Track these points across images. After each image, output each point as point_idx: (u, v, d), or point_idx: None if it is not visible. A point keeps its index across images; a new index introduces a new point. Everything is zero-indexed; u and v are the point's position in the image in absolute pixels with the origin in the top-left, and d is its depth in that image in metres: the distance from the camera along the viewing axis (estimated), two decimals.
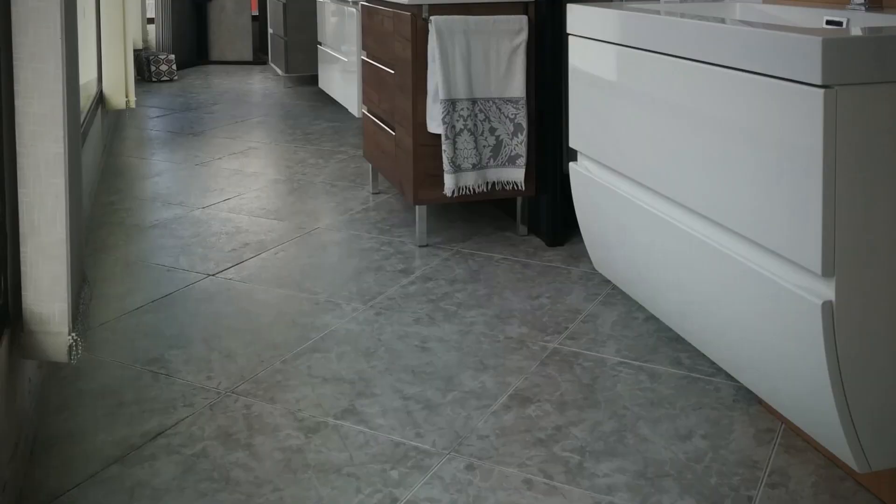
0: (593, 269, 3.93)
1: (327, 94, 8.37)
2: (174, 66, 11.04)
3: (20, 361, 2.76)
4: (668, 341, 3.51)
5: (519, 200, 4.89)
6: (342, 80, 7.46)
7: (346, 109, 7.54)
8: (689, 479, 2.65)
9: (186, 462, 2.77)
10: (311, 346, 3.54)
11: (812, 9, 2.99)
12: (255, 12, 12.74)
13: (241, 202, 5.53)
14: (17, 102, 2.76)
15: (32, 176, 2.75)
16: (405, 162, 4.84)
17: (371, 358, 3.44)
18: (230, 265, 4.44)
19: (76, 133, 3.03)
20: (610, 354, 3.44)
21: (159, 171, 6.41)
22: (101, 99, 6.65)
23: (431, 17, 4.57)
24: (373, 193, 5.71)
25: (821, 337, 2.18)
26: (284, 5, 9.72)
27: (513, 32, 4.64)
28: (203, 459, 2.78)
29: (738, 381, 3.03)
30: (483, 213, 5.25)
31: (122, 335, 3.67)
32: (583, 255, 4.34)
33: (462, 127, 4.59)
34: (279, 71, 10.30)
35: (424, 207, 4.75)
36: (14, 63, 2.76)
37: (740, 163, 2.42)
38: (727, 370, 2.81)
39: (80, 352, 2.70)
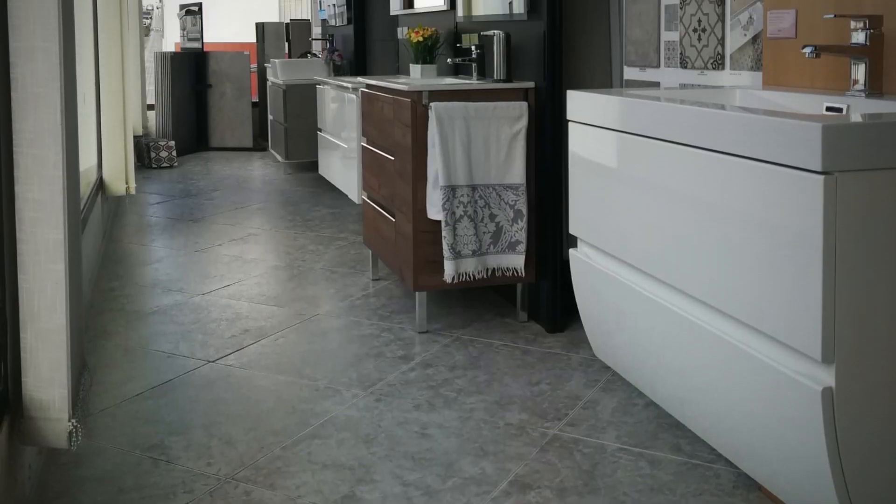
0: (593, 355, 3.92)
1: (327, 181, 8.39)
2: (174, 153, 11.09)
3: (20, 447, 2.75)
4: (668, 427, 3.49)
5: (519, 286, 4.89)
6: (342, 166, 7.49)
7: (346, 196, 7.56)
8: None
9: None
10: (311, 433, 3.52)
11: (812, 95, 3.01)
12: (256, 99, 12.83)
13: (242, 288, 5.53)
14: (17, 188, 2.77)
15: (32, 262, 2.75)
16: (405, 248, 4.84)
17: (371, 444, 3.42)
18: (230, 351, 4.43)
19: (76, 219, 3.04)
20: (610, 441, 3.42)
21: (159, 258, 6.42)
22: (101, 185, 6.68)
23: (431, 104, 4.60)
24: (373, 280, 5.71)
25: (821, 423, 2.17)
26: (284, 92, 9.78)
27: (513, 119, 4.66)
28: None
29: (738, 468, 3.01)
30: (483, 299, 5.25)
31: (123, 421, 3.65)
32: (583, 341, 4.33)
33: (462, 213, 4.60)
34: (279, 157, 10.35)
35: (424, 294, 4.75)
36: (14, 149, 2.78)
37: (740, 249, 2.43)
38: (727, 456, 2.80)
39: (80, 438, 2.69)
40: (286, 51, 12.86)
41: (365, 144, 5.79)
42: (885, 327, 2.19)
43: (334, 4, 10.06)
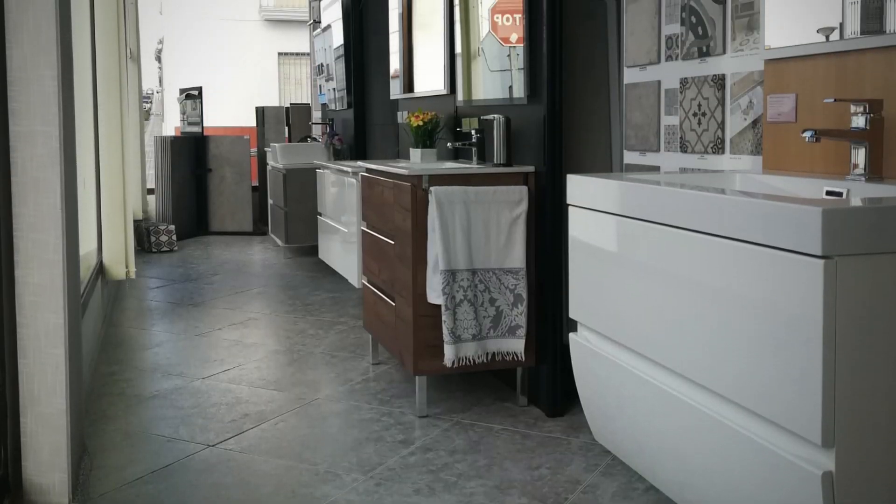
0: (594, 439, 3.90)
1: (327, 265, 8.40)
2: (174, 237, 11.11)
3: None
4: None
5: (519, 371, 4.88)
6: (342, 250, 7.50)
7: (346, 280, 7.57)
8: None
9: None
10: None
11: (812, 179, 3.02)
12: (255, 183, 12.87)
13: (242, 373, 5.51)
14: (17, 273, 2.77)
15: (32, 346, 2.75)
16: (405, 332, 4.83)
17: None
18: (230, 436, 4.41)
19: (76, 304, 3.04)
20: None
21: (159, 342, 6.40)
22: (101, 269, 6.68)
23: (431, 188, 4.61)
24: (373, 364, 5.70)
25: None
26: (284, 176, 9.82)
27: (513, 203, 4.67)
28: None
29: None
30: (483, 384, 5.23)
31: None
32: (583, 425, 4.31)
33: (462, 297, 4.60)
34: (279, 241, 10.36)
35: (424, 378, 4.74)
36: (14, 233, 2.78)
37: (740, 333, 2.42)
38: None
39: None
40: (286, 135, 12.92)
41: (365, 229, 5.80)
42: (885, 411, 2.18)
43: (334, 89, 10.13)
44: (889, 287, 2.15)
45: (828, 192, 2.90)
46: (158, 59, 24.73)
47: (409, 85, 6.99)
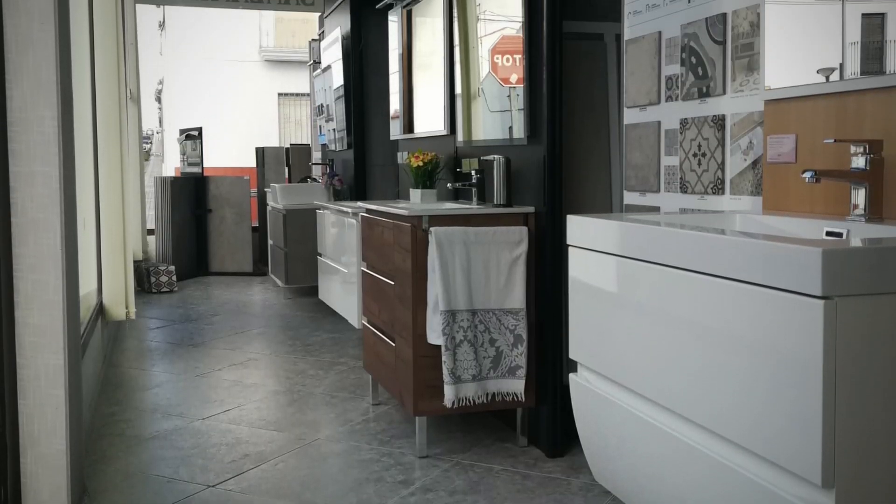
0: (594, 480, 3.88)
1: (327, 306, 8.39)
2: (174, 278, 11.11)
3: None
4: None
5: (519, 411, 4.87)
6: (342, 291, 7.50)
7: (346, 320, 7.56)
8: None
9: None
10: None
11: (812, 220, 3.02)
12: (256, 223, 12.88)
13: (242, 413, 5.50)
14: (17, 314, 2.77)
15: (32, 387, 2.74)
16: (405, 373, 4.83)
17: None
18: (230, 476, 4.39)
19: (76, 344, 3.03)
20: None
21: (159, 383, 6.39)
22: (101, 310, 6.67)
23: (431, 229, 4.61)
24: (373, 404, 5.69)
25: None
26: (284, 217, 9.83)
27: (513, 244, 4.67)
28: None
29: None
30: (483, 424, 5.22)
31: None
32: (583, 465, 4.29)
33: (462, 338, 4.59)
34: (279, 282, 10.37)
35: (424, 418, 4.73)
36: (14, 274, 2.78)
37: (740, 374, 2.41)
38: None
39: None
40: (286, 175, 12.95)
41: (365, 269, 5.80)
42: (885, 452, 2.17)
43: (334, 129, 10.15)
44: (889, 327, 2.15)
45: (828, 233, 2.90)
46: (158, 99, 24.79)
47: (409, 125, 7.01)
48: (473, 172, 5.32)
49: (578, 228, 3.47)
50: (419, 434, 4.70)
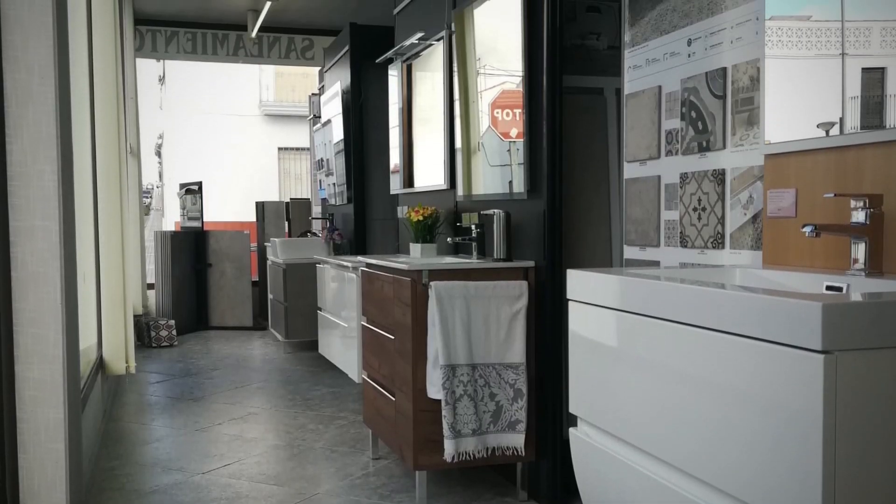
0: None
1: (327, 360, 8.38)
2: (174, 332, 11.10)
3: None
4: None
5: (519, 465, 4.85)
6: (342, 345, 7.49)
7: (346, 375, 7.55)
8: None
9: None
10: None
11: (812, 274, 3.02)
12: (256, 278, 12.88)
13: (241, 468, 5.48)
14: (17, 368, 2.77)
15: (32, 441, 2.73)
16: (405, 427, 4.81)
17: None
18: None
19: (76, 398, 3.03)
20: None
21: (159, 437, 6.37)
22: (101, 364, 6.66)
23: (431, 283, 4.61)
24: (373, 459, 5.66)
25: None
26: (284, 271, 9.83)
27: (513, 298, 4.67)
28: None
29: None
30: (483, 478, 5.20)
31: None
32: None
33: (462, 392, 4.58)
34: (279, 336, 10.35)
35: (424, 473, 4.71)
36: (14, 328, 2.78)
37: (740, 428, 2.41)
38: None
39: None
40: (286, 230, 12.97)
41: (365, 323, 5.79)
42: None
43: (334, 184, 10.17)
44: (889, 382, 2.14)
45: (828, 287, 2.90)
46: (158, 153, 24.85)
47: (409, 180, 7.02)
48: (473, 227, 5.33)
49: (578, 282, 3.47)
50: (419, 488, 4.69)
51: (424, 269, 4.68)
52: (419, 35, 6.51)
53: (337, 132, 9.84)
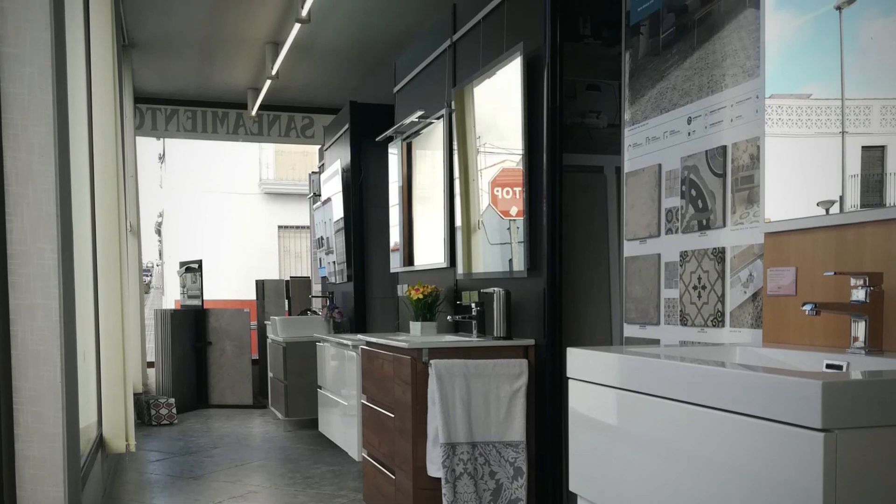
0: None
1: (327, 438, 8.35)
2: (174, 410, 11.06)
3: None
4: None
5: None
6: (342, 423, 7.46)
7: (346, 453, 7.51)
8: None
9: None
10: None
11: (812, 352, 3.02)
12: (256, 356, 12.86)
13: None
14: (17, 446, 2.76)
15: None
16: None
17: None
18: None
19: (76, 477, 3.01)
20: None
21: None
22: (101, 442, 6.63)
23: (431, 361, 4.61)
24: None
25: None
26: (284, 349, 9.81)
27: (513, 376, 4.67)
28: None
29: None
30: None
31: None
32: None
33: (462, 471, 4.56)
34: (279, 414, 10.32)
35: None
36: (14, 407, 2.77)
37: None
38: None
39: None
40: (286, 308, 12.96)
41: (365, 402, 5.78)
42: None
43: (334, 262, 10.18)
44: (890, 460, 2.13)
45: (828, 366, 2.89)
46: (158, 231, 24.91)
47: (409, 258, 7.03)
48: (473, 305, 5.33)
49: (578, 361, 3.47)
50: None
51: (424, 347, 4.68)
52: (419, 113, 6.55)
53: (337, 210, 9.87)
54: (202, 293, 12.98)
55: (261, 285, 13.55)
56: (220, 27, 8.90)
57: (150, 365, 12.34)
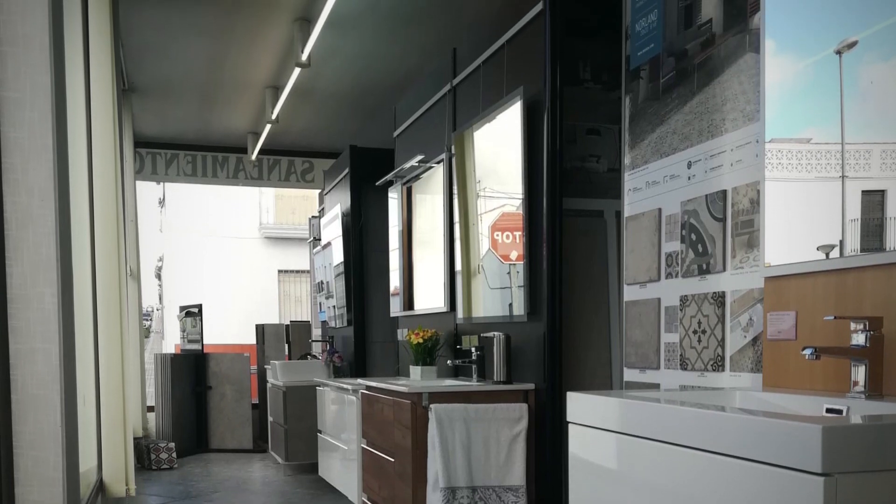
0: None
1: (327, 482, 8.32)
2: (174, 454, 11.04)
3: None
4: None
5: None
6: (342, 467, 7.44)
7: (347, 497, 7.49)
8: None
9: None
10: None
11: (812, 396, 3.01)
12: (256, 400, 12.84)
13: None
14: (17, 490, 2.75)
15: None
16: None
17: None
18: None
19: None
20: None
21: None
22: (101, 487, 6.61)
23: (431, 405, 4.60)
24: None
25: None
26: (284, 393, 9.80)
27: (513, 420, 4.66)
28: None
29: None
30: None
31: None
32: None
33: None
34: (279, 459, 10.29)
35: None
36: (14, 451, 2.77)
37: None
38: None
39: None
40: (286, 352, 12.95)
41: (365, 446, 5.77)
42: None
43: (334, 306, 10.18)
44: None
45: (828, 410, 2.89)
46: (158, 276, 24.91)
47: (409, 302, 7.03)
48: (473, 349, 5.33)
49: (578, 405, 3.46)
50: None
51: (425, 391, 4.67)
52: (419, 157, 6.57)
53: (337, 254, 9.88)
54: (202, 337, 12.97)
55: (261, 329, 13.55)
56: (220, 71, 8.93)
57: (151, 409, 12.32)
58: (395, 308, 7.38)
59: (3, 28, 3.06)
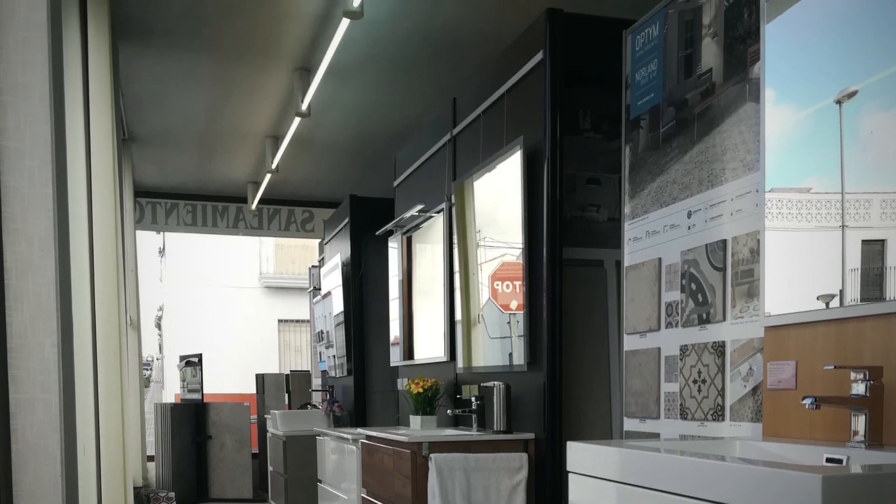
0: None
1: None
2: (174, 503, 11.01)
3: None
4: None
5: None
6: None
7: None
8: None
9: None
10: None
11: (812, 446, 3.01)
12: (256, 450, 12.80)
13: None
14: None
15: None
16: None
17: None
18: None
19: None
20: None
21: None
22: None
23: (431, 455, 4.59)
24: None
25: None
26: (284, 443, 9.78)
27: (513, 470, 4.65)
28: None
29: None
30: None
31: None
32: None
33: None
34: None
35: None
36: (14, 501, 2.76)
37: None
38: None
39: None
40: (286, 402, 12.93)
41: (365, 495, 5.75)
42: None
43: (334, 356, 10.17)
44: None
45: (828, 459, 2.88)
46: (158, 325, 24.88)
47: (409, 352, 7.03)
48: (473, 399, 5.32)
49: (579, 455, 3.46)
50: None
51: (424, 441, 4.66)
52: (419, 207, 6.58)
53: (337, 304, 9.88)
54: (202, 387, 12.95)
55: (261, 379, 13.53)
56: (220, 121, 8.96)
57: (150, 458, 12.28)
58: (395, 357, 7.38)
59: (4, 77, 3.07)
